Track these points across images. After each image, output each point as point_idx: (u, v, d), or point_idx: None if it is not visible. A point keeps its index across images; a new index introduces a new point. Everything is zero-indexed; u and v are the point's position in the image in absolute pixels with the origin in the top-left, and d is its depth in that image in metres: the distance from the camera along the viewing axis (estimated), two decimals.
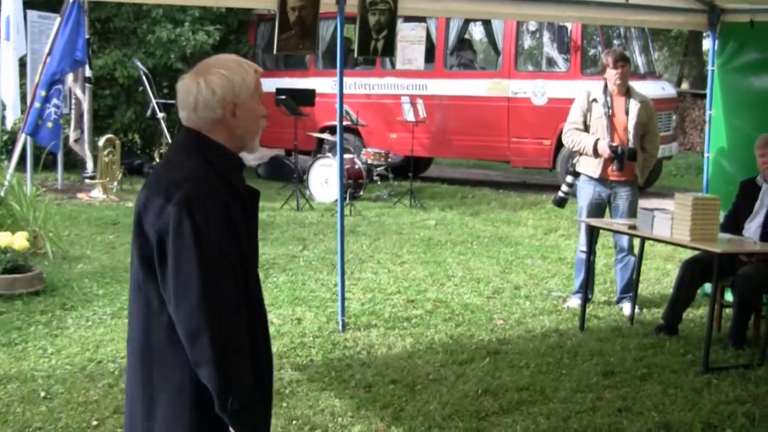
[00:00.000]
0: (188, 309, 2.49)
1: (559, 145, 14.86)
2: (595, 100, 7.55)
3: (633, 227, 6.83)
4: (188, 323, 2.49)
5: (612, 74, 7.46)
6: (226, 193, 2.61)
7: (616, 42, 15.88)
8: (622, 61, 7.46)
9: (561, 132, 14.87)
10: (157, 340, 2.61)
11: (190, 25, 16.41)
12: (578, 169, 7.76)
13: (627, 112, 7.47)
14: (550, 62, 15.40)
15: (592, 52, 15.78)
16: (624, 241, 7.66)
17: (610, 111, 7.47)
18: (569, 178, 8.01)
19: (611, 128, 7.45)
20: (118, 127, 16.42)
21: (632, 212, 7.48)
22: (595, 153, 7.45)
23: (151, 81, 13.90)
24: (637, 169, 7.52)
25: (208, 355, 2.48)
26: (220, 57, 2.74)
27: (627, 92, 7.54)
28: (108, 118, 16.42)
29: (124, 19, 16.37)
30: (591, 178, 7.60)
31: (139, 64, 14.25)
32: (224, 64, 2.68)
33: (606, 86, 7.53)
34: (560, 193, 8.12)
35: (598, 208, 7.65)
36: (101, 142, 13.67)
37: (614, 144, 7.40)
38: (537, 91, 15.06)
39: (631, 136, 7.44)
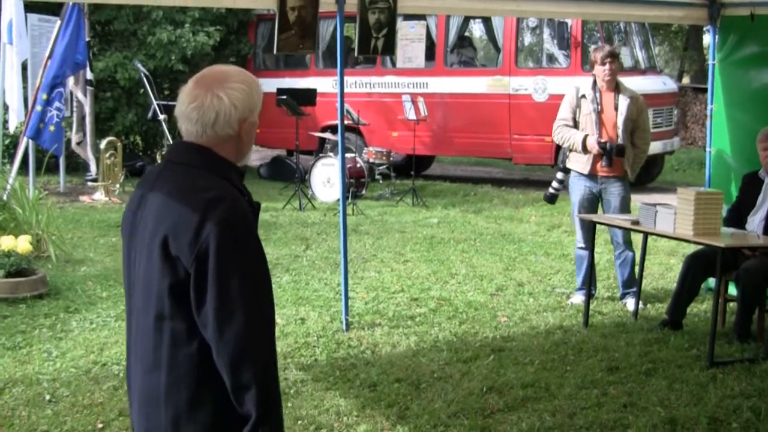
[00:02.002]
0: (235, 334, 2.36)
1: None
2: (583, 96, 7.56)
3: (636, 223, 6.82)
4: (234, 349, 2.37)
5: (600, 70, 7.46)
6: (249, 209, 2.51)
7: (616, 37, 15.87)
8: (610, 57, 7.45)
9: None
10: (183, 372, 2.46)
11: (191, 27, 16.42)
12: (568, 165, 7.79)
13: (616, 108, 7.46)
14: (551, 59, 15.38)
15: (592, 47, 15.75)
16: (619, 236, 7.66)
17: (599, 107, 7.47)
18: (560, 175, 8.07)
19: (600, 124, 7.48)
20: (120, 129, 16.43)
21: (623, 208, 7.50)
22: (584, 149, 7.48)
23: (152, 83, 13.90)
24: (627, 164, 7.50)
25: (253, 381, 2.37)
26: (227, 69, 2.61)
27: (616, 88, 7.53)
28: (109, 120, 16.43)
29: (125, 21, 16.37)
30: (581, 174, 7.62)
31: (139, 66, 14.26)
32: (240, 77, 2.57)
33: (595, 82, 7.53)
34: (551, 189, 8.23)
35: (590, 204, 7.67)
36: (103, 144, 13.67)
37: (603, 140, 7.42)
38: (538, 87, 15.05)
39: (620, 132, 7.44)
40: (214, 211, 2.39)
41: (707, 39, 10.73)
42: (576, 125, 7.58)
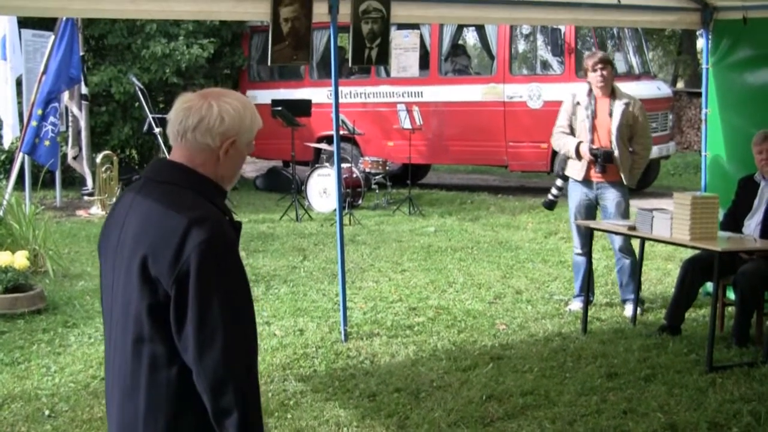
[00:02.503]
0: (215, 358, 2.32)
1: None
2: (578, 102, 7.56)
3: (633, 228, 6.82)
4: (215, 373, 2.32)
5: (593, 77, 7.46)
6: (231, 229, 2.47)
7: (609, 43, 15.91)
8: (602, 63, 7.44)
9: None
10: (162, 396, 2.41)
11: (185, 39, 16.43)
12: (566, 172, 7.80)
13: (611, 114, 7.45)
14: (545, 65, 15.42)
15: (586, 54, 15.79)
16: (617, 242, 7.66)
17: (593, 113, 7.48)
18: (559, 182, 8.09)
19: (593, 131, 7.48)
20: (116, 143, 16.42)
21: (620, 213, 7.49)
22: (578, 155, 7.50)
23: (146, 96, 13.91)
24: (622, 170, 7.47)
25: (234, 405, 2.33)
26: (231, 91, 2.59)
27: (612, 94, 7.51)
28: (105, 134, 16.43)
29: (118, 35, 16.38)
30: (576, 180, 7.64)
31: (134, 79, 14.27)
32: (239, 97, 2.55)
33: (591, 89, 7.53)
34: (550, 196, 8.25)
35: (587, 210, 7.68)
36: (99, 158, 13.68)
37: (594, 146, 7.43)
38: (532, 94, 15.08)
39: (613, 139, 7.42)
40: (195, 231, 2.34)
41: (701, 43, 10.78)
42: (573, 132, 7.59)
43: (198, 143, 2.48)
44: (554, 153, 14.95)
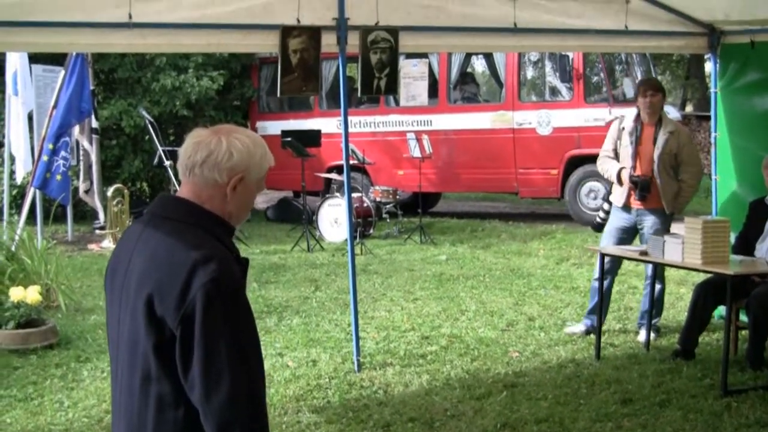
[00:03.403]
0: (222, 400, 2.30)
1: (567, 174, 14.95)
2: (624, 128, 7.53)
3: (644, 253, 6.82)
4: (222, 415, 2.31)
5: (641, 102, 7.40)
6: (237, 268, 2.44)
7: (618, 68, 15.96)
8: (652, 90, 7.39)
9: (567, 161, 15.05)
10: None
11: (194, 72, 16.52)
12: (610, 197, 7.78)
13: (655, 142, 7.37)
14: (554, 92, 15.46)
15: (594, 79, 15.85)
16: (648, 268, 7.63)
17: (638, 140, 7.44)
18: (606, 205, 8.01)
19: (636, 157, 7.41)
20: (126, 176, 16.50)
21: None
22: (620, 181, 7.48)
23: (156, 129, 13.99)
24: (664, 199, 7.36)
25: None
26: (244, 128, 2.58)
27: (659, 122, 7.42)
28: (116, 167, 16.51)
29: (128, 68, 16.49)
30: (617, 206, 7.60)
31: (144, 113, 14.36)
32: (249, 134, 2.54)
33: (639, 114, 7.50)
34: (598, 219, 8.19)
35: (622, 235, 7.57)
36: (110, 192, 13.73)
37: (635, 174, 7.38)
38: (542, 121, 15.12)
39: (655, 167, 7.34)
40: (201, 270, 2.32)
41: (709, 67, 10.79)
42: (618, 157, 7.58)
43: (205, 178, 2.48)
44: (564, 179, 15.00)
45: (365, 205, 13.96)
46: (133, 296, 2.42)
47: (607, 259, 7.37)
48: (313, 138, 14.86)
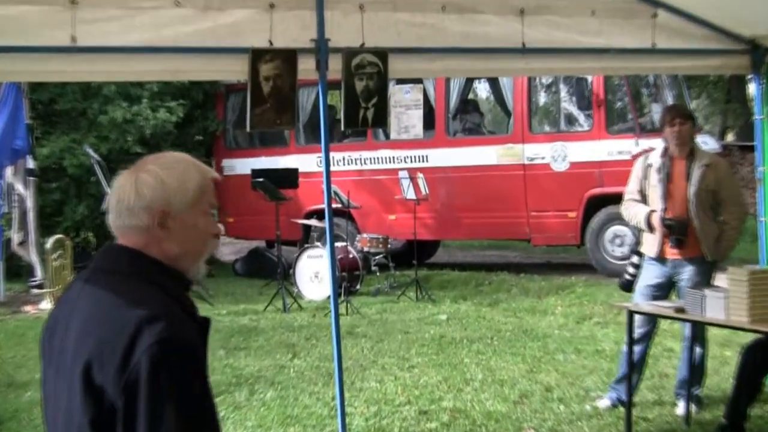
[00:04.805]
0: None
1: (587, 217, 14.98)
2: (651, 164, 7.51)
3: (681, 310, 6.80)
4: None
5: (669, 133, 7.39)
6: (192, 327, 2.46)
7: (645, 92, 16.08)
8: (679, 117, 7.38)
9: (587, 202, 15.07)
10: None
11: (149, 102, 16.58)
12: (641, 247, 7.72)
13: (688, 178, 7.37)
14: (570, 121, 15.54)
15: (618, 106, 15.94)
16: (689, 327, 7.57)
17: (668, 177, 7.43)
18: (635, 258, 7.92)
19: (668, 197, 7.38)
20: (69, 225, 16.49)
21: None
22: (650, 227, 7.41)
23: (105, 169, 13.97)
24: (704, 244, 7.32)
25: None
26: (167, 153, 2.63)
27: (691, 154, 7.42)
28: (56, 215, 16.50)
29: (71, 99, 16.54)
30: (650, 257, 7.55)
31: (90, 150, 14.36)
32: (165, 162, 2.57)
33: (667, 148, 7.50)
34: (626, 275, 8.01)
35: (657, 292, 7.49)
36: (49, 243, 13.70)
37: (668, 217, 7.34)
38: (556, 155, 15.19)
39: (691, 206, 7.31)
40: (147, 331, 2.31)
41: (751, 89, 10.85)
42: (645, 199, 7.54)
43: (128, 226, 2.52)
44: (585, 223, 15.04)
45: (351, 256, 13.95)
46: (69, 364, 2.41)
47: (639, 318, 7.33)
48: (289, 178, 14.92)
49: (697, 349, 7.57)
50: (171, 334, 2.33)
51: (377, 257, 14.44)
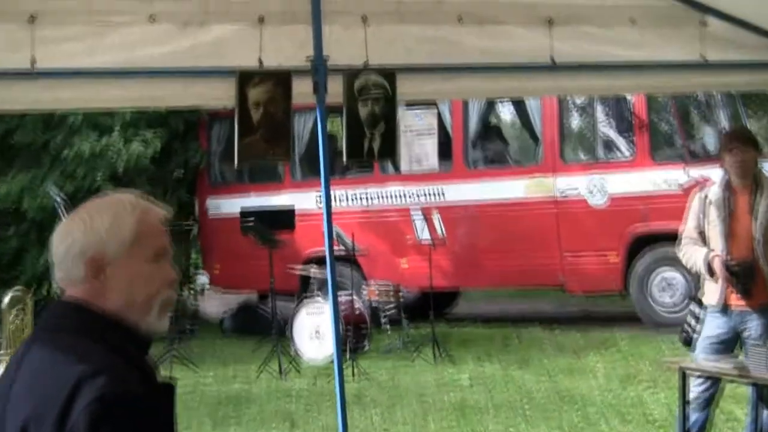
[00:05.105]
0: None
1: (631, 260, 14.91)
2: (710, 199, 7.42)
3: (743, 369, 6.73)
4: None
5: (728, 162, 7.33)
6: (143, 388, 2.46)
7: (695, 112, 16.06)
8: (740, 143, 7.31)
9: (631, 242, 15.03)
10: None
11: (121, 133, 16.51)
12: (700, 295, 7.62)
13: (753, 213, 7.29)
14: (608, 148, 15.53)
15: (664, 129, 15.92)
16: (751, 390, 7.49)
17: (730, 213, 7.35)
18: (695, 307, 7.80)
19: (731, 237, 7.30)
20: (29, 276, 16.45)
21: None
22: (711, 273, 7.31)
23: (70, 211, 14.00)
24: None
25: None
26: (107, 195, 2.69)
27: (755, 184, 7.34)
28: (14, 265, 16.49)
29: (31, 131, 16.51)
30: (712, 307, 7.42)
31: (53, 190, 14.38)
32: (96, 204, 2.63)
33: (727, 179, 7.47)
34: (686, 327, 7.90)
35: (720, 347, 7.38)
36: (6, 299, 13.67)
37: (732, 260, 7.23)
38: (593, 187, 15.17)
39: (758, 246, 7.22)
40: (86, 387, 2.34)
41: None
42: (705, 240, 7.46)
43: (67, 278, 2.59)
44: (628, 267, 14.98)
45: (357, 309, 13.91)
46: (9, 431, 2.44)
47: (697, 380, 7.25)
48: (283, 219, 14.89)
49: (765, 412, 7.48)
50: (113, 389, 2.36)
51: (387, 310, 14.39)
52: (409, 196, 16.16)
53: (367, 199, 16.57)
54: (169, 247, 2.66)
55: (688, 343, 7.94)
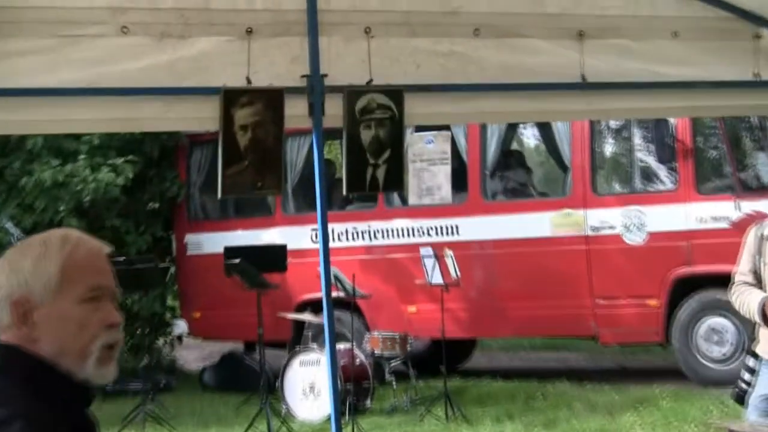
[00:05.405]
0: None
1: (673, 306, 14.87)
2: (766, 237, 7.42)
3: None
4: None
5: None
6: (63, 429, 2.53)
7: (746, 137, 16.03)
8: None
9: (673, 286, 15.01)
10: None
11: (88, 159, 16.45)
12: (755, 347, 7.61)
13: None
14: (648, 177, 15.51)
15: (711, 156, 15.90)
16: None
17: None
18: (750, 360, 7.79)
19: None
20: None
21: None
22: (766, 320, 7.30)
23: None
24: None
25: None
26: (42, 234, 2.73)
27: None
28: None
29: None
30: (767, 360, 7.43)
31: (9, 225, 14.41)
32: (24, 244, 2.68)
33: None
34: (741, 383, 7.88)
35: None
36: None
37: None
38: (630, 223, 15.15)
39: None
40: None
41: None
42: (761, 282, 7.45)
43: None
44: (670, 314, 14.95)
45: (358, 361, 13.90)
46: None
47: None
48: (274, 258, 14.91)
49: None
50: None
51: (393, 363, 14.39)
52: (419, 233, 16.15)
53: (370, 235, 16.56)
54: (112, 285, 2.69)
55: (742, 400, 7.92)
